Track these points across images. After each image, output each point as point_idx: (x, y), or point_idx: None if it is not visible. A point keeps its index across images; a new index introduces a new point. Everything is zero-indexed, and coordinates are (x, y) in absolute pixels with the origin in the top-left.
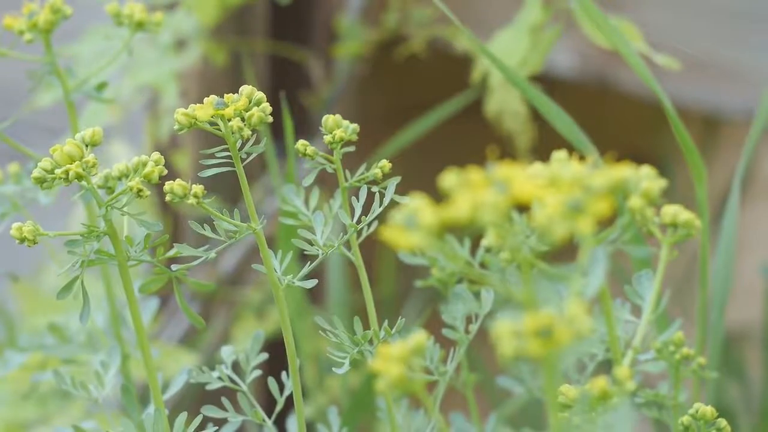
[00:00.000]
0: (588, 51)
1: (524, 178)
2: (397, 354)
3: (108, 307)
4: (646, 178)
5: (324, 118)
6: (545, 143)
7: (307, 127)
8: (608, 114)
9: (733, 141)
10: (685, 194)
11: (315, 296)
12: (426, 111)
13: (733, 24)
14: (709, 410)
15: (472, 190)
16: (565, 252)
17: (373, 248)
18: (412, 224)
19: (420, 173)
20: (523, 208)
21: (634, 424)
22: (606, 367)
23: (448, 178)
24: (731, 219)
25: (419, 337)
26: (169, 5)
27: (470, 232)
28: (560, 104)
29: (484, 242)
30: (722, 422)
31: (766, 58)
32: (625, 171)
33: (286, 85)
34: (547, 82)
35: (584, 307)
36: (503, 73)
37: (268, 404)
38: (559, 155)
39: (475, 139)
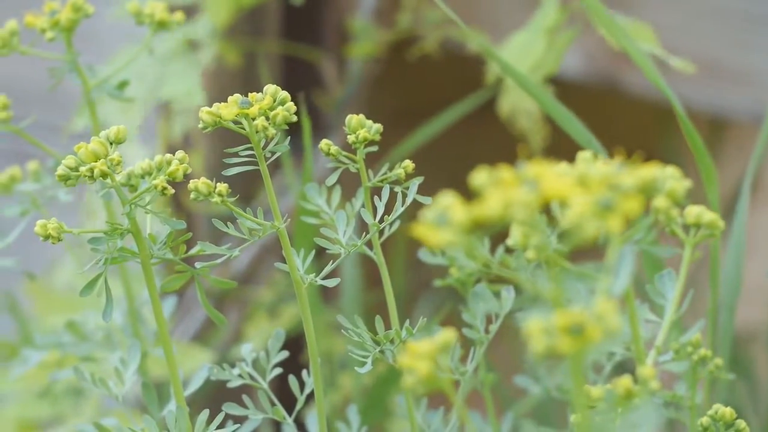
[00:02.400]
0: (596, 52)
1: (554, 176)
2: (425, 351)
3: (126, 304)
4: (671, 179)
5: (348, 118)
6: (558, 143)
7: (320, 127)
8: (615, 115)
9: (740, 143)
10: (694, 196)
11: (326, 294)
12: (439, 111)
13: (742, 26)
14: (728, 411)
15: (503, 188)
16: (578, 253)
17: (386, 247)
18: (443, 222)
19: (433, 173)
20: (542, 208)
21: (658, 424)
22: (621, 367)
23: (479, 176)
24: (740, 222)
25: (447, 334)
26: (188, 6)
27: (490, 232)
28: (567, 105)
29: (508, 241)
30: (741, 423)
31: None
32: (654, 171)
33: (299, 86)
34: (555, 83)
35: (613, 304)
36: (513, 77)
37: (283, 402)
38: (585, 155)
39: (487, 140)
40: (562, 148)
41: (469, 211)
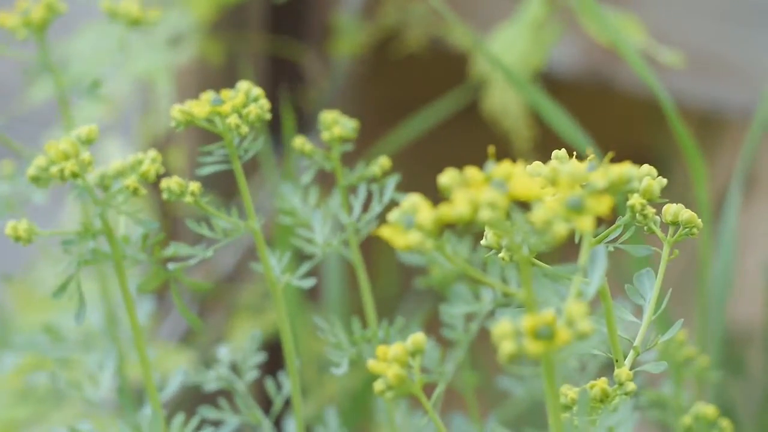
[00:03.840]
0: (589, 48)
1: (523, 176)
2: (395, 355)
3: (104, 306)
4: (646, 177)
5: (322, 115)
6: (546, 141)
7: (303, 125)
8: (610, 111)
9: (737, 139)
10: (687, 192)
11: (312, 296)
12: (423, 109)
13: (737, 21)
14: (710, 410)
15: (471, 189)
16: (564, 251)
17: (372, 247)
18: (409, 223)
19: (417, 171)
20: (525, 206)
21: (635, 425)
22: (609, 366)
23: (447, 177)
24: (731, 218)
25: (418, 337)
26: (164, 1)
27: (472, 230)
28: (561, 102)
29: (483, 242)
30: (724, 422)
31: None
32: (625, 169)
33: (283, 82)
34: (549, 79)
35: (584, 307)
36: (502, 72)
37: (267, 405)
38: (559, 153)
39: (473, 138)
40: (554, 146)
41: (435, 212)
